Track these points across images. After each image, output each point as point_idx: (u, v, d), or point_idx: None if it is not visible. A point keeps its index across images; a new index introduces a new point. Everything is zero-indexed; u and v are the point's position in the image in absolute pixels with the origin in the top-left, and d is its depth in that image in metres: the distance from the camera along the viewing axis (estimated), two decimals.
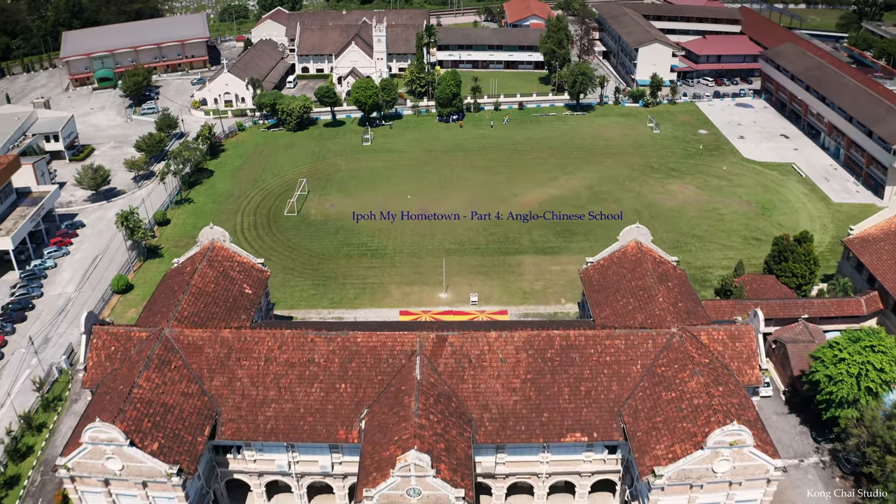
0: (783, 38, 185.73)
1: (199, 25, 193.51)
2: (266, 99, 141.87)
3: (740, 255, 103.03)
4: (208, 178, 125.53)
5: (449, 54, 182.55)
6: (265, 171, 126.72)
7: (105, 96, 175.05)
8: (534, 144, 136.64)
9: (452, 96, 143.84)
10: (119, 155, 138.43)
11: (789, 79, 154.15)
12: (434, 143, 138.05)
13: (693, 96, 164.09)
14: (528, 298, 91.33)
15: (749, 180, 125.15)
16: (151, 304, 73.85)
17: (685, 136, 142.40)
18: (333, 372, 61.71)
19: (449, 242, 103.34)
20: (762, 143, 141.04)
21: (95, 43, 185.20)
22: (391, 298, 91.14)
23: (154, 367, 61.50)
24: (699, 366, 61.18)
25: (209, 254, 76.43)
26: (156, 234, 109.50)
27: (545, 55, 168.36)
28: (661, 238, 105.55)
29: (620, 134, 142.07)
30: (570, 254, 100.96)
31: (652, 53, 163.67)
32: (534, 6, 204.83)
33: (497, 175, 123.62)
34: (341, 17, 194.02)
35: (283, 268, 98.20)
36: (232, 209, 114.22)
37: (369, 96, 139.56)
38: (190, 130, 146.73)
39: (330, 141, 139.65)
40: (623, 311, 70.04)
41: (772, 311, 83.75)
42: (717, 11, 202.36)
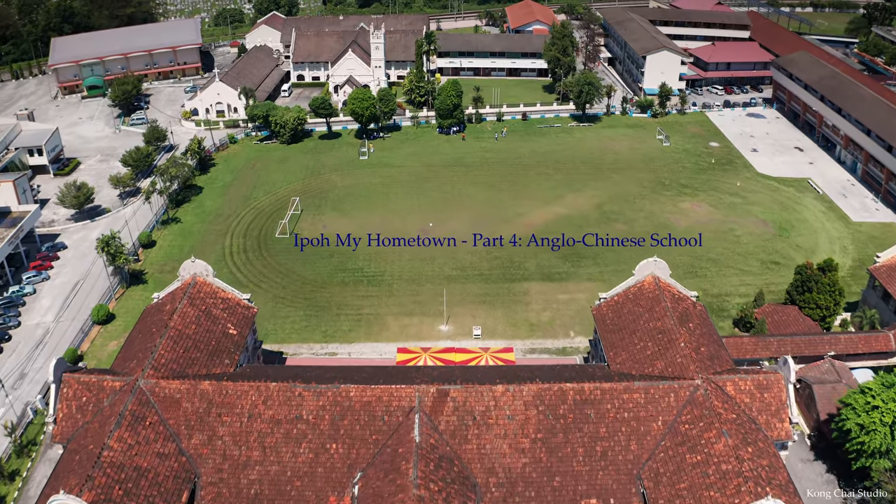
0: (793, 43, 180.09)
1: (192, 31, 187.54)
2: (258, 110, 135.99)
3: (758, 280, 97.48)
4: (197, 195, 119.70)
5: (450, 61, 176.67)
6: (257, 188, 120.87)
7: (94, 105, 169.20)
8: (539, 158, 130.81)
9: (453, 107, 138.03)
10: (106, 169, 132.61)
11: (802, 88, 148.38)
12: (434, 156, 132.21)
13: (703, 106, 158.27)
14: (534, 331, 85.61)
15: (764, 197, 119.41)
16: (128, 345, 68.20)
17: (696, 149, 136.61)
18: (323, 430, 56.05)
19: (450, 268, 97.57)
20: (776, 157, 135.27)
21: (85, 50, 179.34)
22: (388, 331, 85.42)
23: (127, 425, 55.87)
24: (726, 424, 55.59)
25: (190, 290, 70.71)
26: (140, 257, 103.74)
27: (549, 63, 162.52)
28: (675, 262, 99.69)
29: (629, 147, 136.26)
30: (579, 280, 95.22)
31: (660, 61, 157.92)
32: (537, 11, 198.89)
33: (500, 192, 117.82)
34: (338, 22, 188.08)
35: (273, 296, 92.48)
36: (221, 230, 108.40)
37: (366, 108, 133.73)
38: (180, 143, 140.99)
39: (325, 154, 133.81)
40: (641, 356, 64.30)
41: (796, 349, 78.24)
42: (725, 16, 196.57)
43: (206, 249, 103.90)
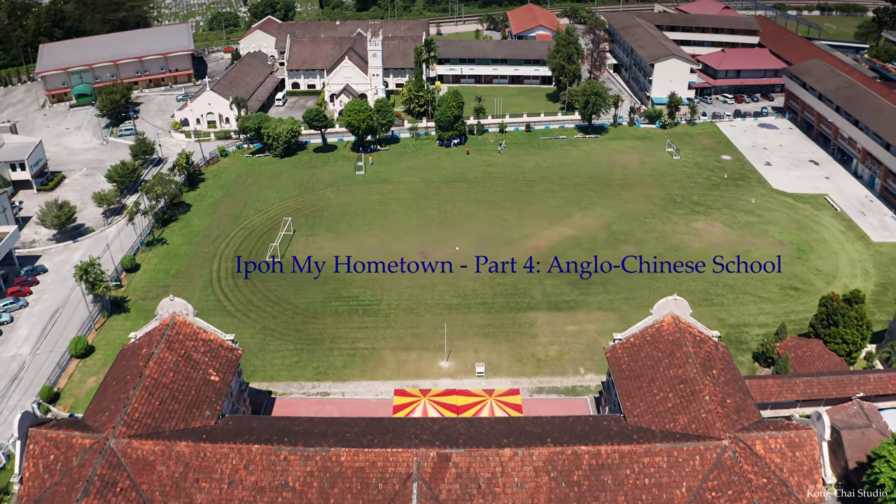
0: (804, 49, 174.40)
1: (184, 37, 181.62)
2: (250, 122, 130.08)
3: (778, 308, 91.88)
4: (185, 213, 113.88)
5: (450, 68, 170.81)
6: (247, 206, 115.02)
7: (82, 114, 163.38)
8: (543, 173, 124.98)
9: (454, 119, 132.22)
10: (91, 184, 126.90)
11: (817, 98, 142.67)
12: (434, 171, 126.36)
13: (713, 116, 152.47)
14: (541, 368, 79.93)
15: (781, 216, 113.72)
16: (102, 393, 62.54)
17: (707, 162, 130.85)
18: (312, 500, 50.49)
19: (451, 296, 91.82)
20: (791, 171, 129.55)
21: (73, 56, 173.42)
22: (385, 368, 79.73)
23: (95, 492, 50.50)
24: (757, 492, 50.12)
25: (168, 332, 65.07)
26: (122, 282, 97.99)
27: (553, 71, 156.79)
28: (689, 288, 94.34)
29: (638, 161, 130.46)
30: (588, 309, 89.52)
31: (668, 69, 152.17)
32: (540, 16, 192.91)
33: (504, 211, 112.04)
34: (334, 28, 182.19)
35: (262, 328, 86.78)
36: (208, 253, 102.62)
37: (363, 119, 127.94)
38: (169, 156, 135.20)
39: (320, 169, 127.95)
40: (661, 408, 58.67)
41: (823, 391, 72.56)
42: (734, 22, 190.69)
43: (192, 274, 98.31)
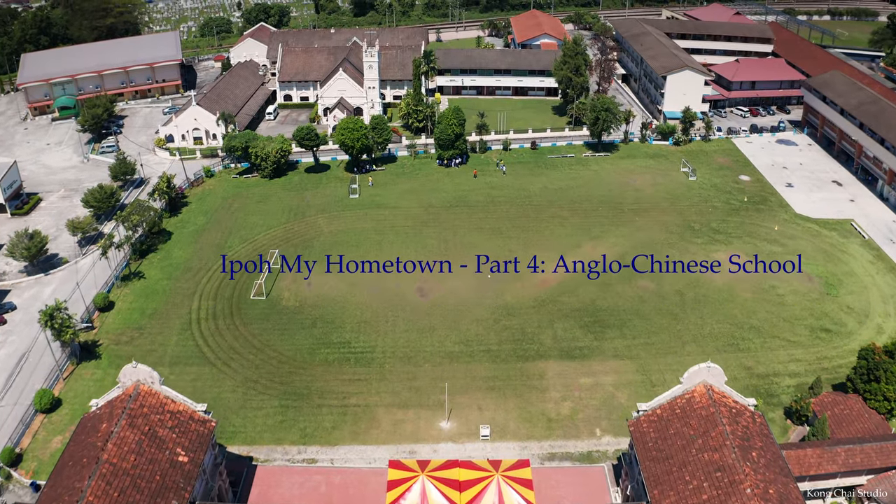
0: (820, 59, 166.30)
1: (171, 46, 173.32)
2: (236, 141, 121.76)
3: (809, 354, 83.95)
4: (165, 242, 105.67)
5: (450, 79, 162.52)
6: (232, 234, 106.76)
7: (64, 128, 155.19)
8: (551, 197, 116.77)
9: (455, 137, 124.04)
10: (68, 208, 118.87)
11: (838, 113, 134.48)
12: (434, 195, 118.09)
13: (728, 131, 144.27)
14: (553, 429, 71.89)
15: (806, 245, 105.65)
16: (58, 473, 54.82)
17: (725, 184, 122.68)
18: None
19: (452, 341, 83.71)
20: (813, 193, 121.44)
21: (56, 67, 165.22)
22: (378, 430, 71.64)
23: None
24: None
25: (131, 405, 57.07)
26: (94, 324, 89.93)
27: (560, 83, 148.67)
28: (712, 331, 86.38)
29: (651, 182, 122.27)
30: (604, 357, 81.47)
31: (681, 82, 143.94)
32: (545, 23, 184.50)
33: (509, 240, 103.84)
34: (329, 36, 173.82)
35: (244, 379, 78.73)
36: (188, 289, 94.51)
37: (357, 138, 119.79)
38: (151, 176, 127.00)
39: (311, 192, 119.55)
40: (694, 501, 50.69)
41: (867, 460, 64.70)
42: (747, 29, 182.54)
43: (169, 314, 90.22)
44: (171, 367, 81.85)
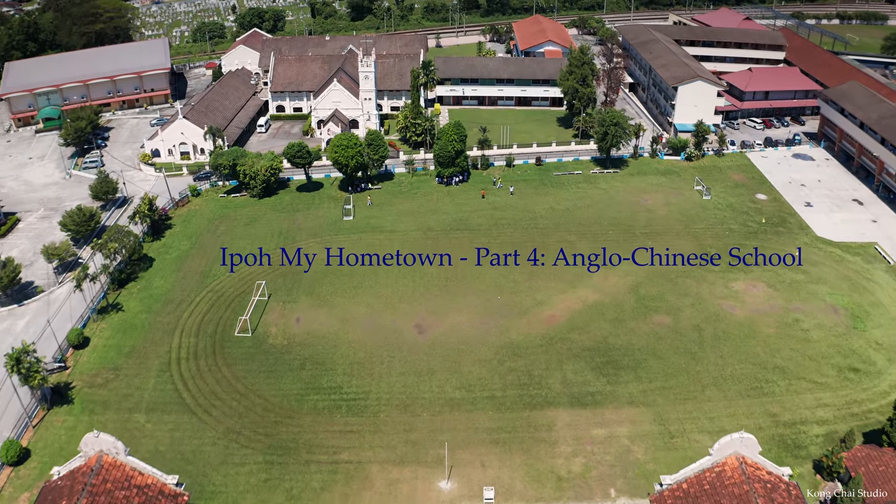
0: (835, 67, 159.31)
1: (160, 53, 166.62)
2: (223, 159, 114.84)
3: (837, 398, 77.41)
4: (146, 270, 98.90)
5: (451, 89, 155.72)
6: (217, 261, 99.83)
7: (48, 141, 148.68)
8: (558, 219, 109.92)
9: (456, 154, 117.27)
10: (47, 230, 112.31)
11: (858, 127, 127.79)
12: (433, 216, 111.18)
13: (741, 145, 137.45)
14: (563, 489, 65.20)
15: (829, 271, 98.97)
16: None
17: (741, 203, 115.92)
18: None
19: (452, 386, 76.97)
20: (834, 213, 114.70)
21: (40, 76, 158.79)
22: (372, 492, 64.92)
23: None
24: None
25: (93, 479, 50.39)
26: (68, 363, 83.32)
27: (565, 94, 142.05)
28: (734, 373, 79.71)
29: (664, 201, 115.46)
30: (618, 404, 74.78)
31: (693, 92, 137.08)
32: (549, 29, 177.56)
33: (514, 269, 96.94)
34: (324, 43, 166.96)
35: (225, 430, 72.06)
36: (169, 324, 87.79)
37: (351, 156, 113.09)
38: (135, 194, 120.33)
39: (302, 213, 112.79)
40: None
41: None
42: (758, 36, 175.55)
43: (148, 353, 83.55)
44: (149, 413, 75.35)
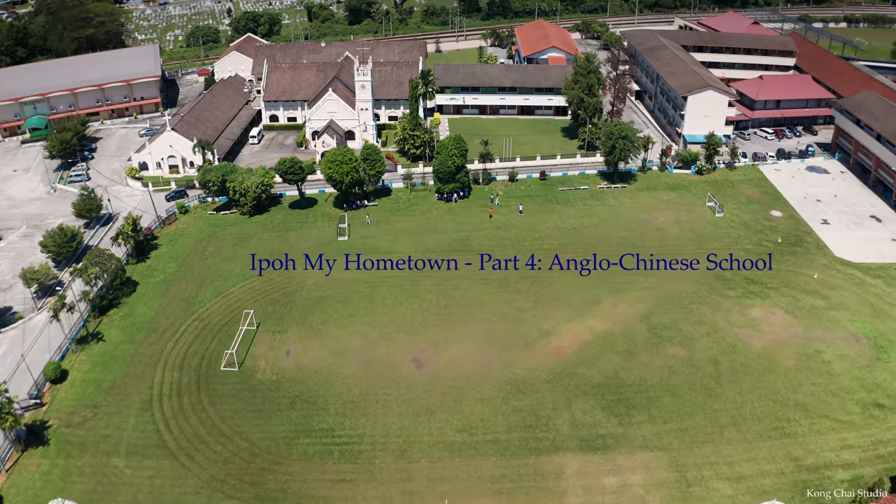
0: (847, 74, 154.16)
1: (150, 60, 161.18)
2: (212, 175, 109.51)
3: (863, 437, 72.50)
4: (129, 294, 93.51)
5: (451, 98, 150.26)
6: (204, 286, 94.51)
7: (34, 152, 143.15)
8: (564, 239, 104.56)
9: (456, 169, 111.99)
10: (28, 249, 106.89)
11: (875, 139, 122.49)
12: (433, 237, 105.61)
13: (753, 157, 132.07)
14: None
15: (850, 296, 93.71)
16: None
17: (756, 221, 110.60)
18: None
19: (453, 428, 71.72)
20: (851, 231, 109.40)
21: (27, 84, 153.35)
22: None
23: None
24: None
25: None
26: (44, 399, 78.16)
27: (570, 103, 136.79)
28: (753, 412, 74.60)
29: (674, 219, 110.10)
30: (631, 448, 69.57)
31: (703, 102, 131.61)
32: (552, 34, 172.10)
33: (518, 295, 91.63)
34: (319, 50, 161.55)
35: (209, 478, 66.87)
36: (151, 356, 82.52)
37: (346, 172, 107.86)
38: (121, 211, 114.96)
39: (295, 232, 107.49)
40: None
41: None
42: (768, 41, 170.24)
43: (129, 388, 78.38)
44: (128, 458, 70.28)
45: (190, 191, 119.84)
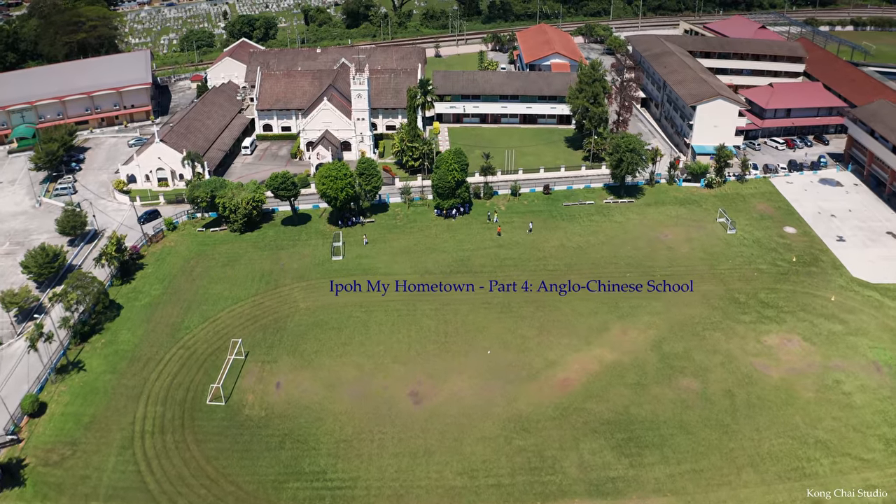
0: (856, 80, 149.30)
1: (141, 67, 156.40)
2: (201, 191, 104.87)
3: (886, 477, 68.50)
4: (113, 319, 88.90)
5: (451, 106, 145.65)
6: (190, 310, 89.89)
7: (20, 163, 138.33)
8: (569, 258, 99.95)
9: (456, 185, 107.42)
10: (10, 269, 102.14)
11: (890, 151, 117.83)
12: (432, 256, 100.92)
13: (764, 169, 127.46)
14: None
15: (869, 320, 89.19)
16: None
17: (769, 238, 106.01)
18: None
19: (452, 471, 67.20)
20: (868, 249, 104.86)
21: (14, 92, 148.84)
22: None
23: None
24: None
25: None
26: (21, 434, 73.64)
27: (575, 112, 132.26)
28: (772, 450, 70.15)
29: (685, 236, 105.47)
30: (643, 493, 65.07)
31: (713, 112, 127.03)
32: (555, 40, 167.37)
33: (521, 321, 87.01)
34: (314, 56, 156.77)
35: None
36: (134, 388, 77.99)
37: (341, 188, 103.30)
38: (107, 227, 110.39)
39: (288, 250, 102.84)
40: None
41: None
42: (776, 46, 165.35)
43: (110, 423, 73.89)
44: (107, 501, 66.08)
45: (178, 206, 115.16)
